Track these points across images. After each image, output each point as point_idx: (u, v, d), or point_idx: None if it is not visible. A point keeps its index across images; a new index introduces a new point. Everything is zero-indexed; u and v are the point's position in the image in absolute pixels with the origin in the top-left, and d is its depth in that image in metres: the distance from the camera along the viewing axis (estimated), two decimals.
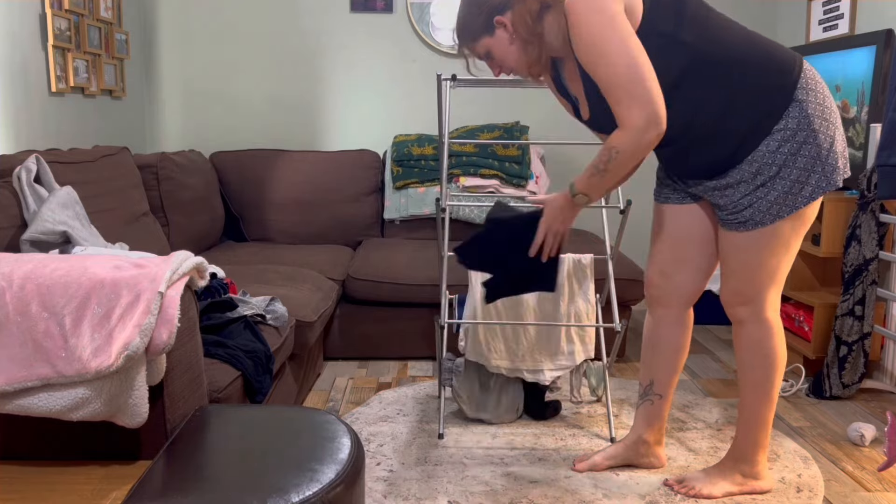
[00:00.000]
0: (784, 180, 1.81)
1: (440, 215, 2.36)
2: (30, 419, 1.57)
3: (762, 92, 1.78)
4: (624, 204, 2.12)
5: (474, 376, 2.54)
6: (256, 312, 2.26)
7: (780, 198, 1.82)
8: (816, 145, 1.79)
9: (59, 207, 2.20)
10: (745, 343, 1.99)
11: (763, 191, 1.83)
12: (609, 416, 2.42)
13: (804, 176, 1.81)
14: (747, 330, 1.98)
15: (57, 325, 1.47)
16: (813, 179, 1.81)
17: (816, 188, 1.82)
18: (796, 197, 1.82)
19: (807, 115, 1.78)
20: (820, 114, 1.80)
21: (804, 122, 1.78)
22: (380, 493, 2.10)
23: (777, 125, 1.79)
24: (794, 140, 1.79)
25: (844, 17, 3.33)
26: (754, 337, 1.97)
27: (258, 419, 1.53)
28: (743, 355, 2.01)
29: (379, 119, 4.06)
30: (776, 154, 1.80)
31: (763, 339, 1.97)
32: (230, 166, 3.76)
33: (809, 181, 1.81)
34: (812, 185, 1.82)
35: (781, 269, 1.92)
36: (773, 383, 1.99)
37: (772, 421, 2.03)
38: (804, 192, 1.82)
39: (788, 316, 3.27)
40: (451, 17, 3.94)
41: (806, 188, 1.82)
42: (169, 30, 3.95)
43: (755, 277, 1.92)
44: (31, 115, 2.81)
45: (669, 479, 2.14)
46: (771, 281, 1.92)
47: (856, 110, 2.95)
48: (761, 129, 1.79)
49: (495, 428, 2.54)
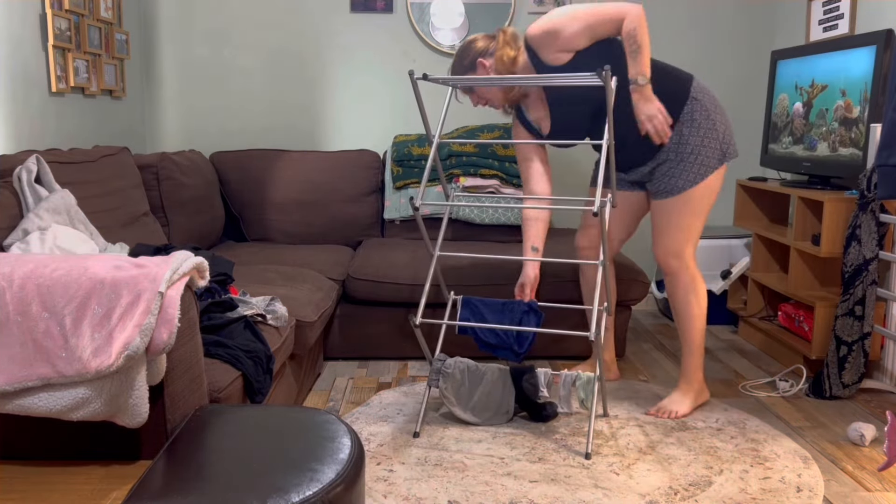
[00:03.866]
0: (694, 156, 2.51)
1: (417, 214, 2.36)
2: (30, 419, 1.57)
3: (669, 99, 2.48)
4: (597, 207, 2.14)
5: (463, 378, 2.53)
6: (256, 312, 2.26)
7: (693, 169, 2.51)
8: (714, 130, 2.51)
9: (48, 213, 2.20)
10: (679, 287, 2.62)
11: (681, 166, 2.52)
12: (590, 431, 2.36)
13: (708, 152, 2.51)
14: (680, 277, 2.61)
15: (57, 325, 1.47)
16: (715, 155, 2.52)
17: (717, 161, 2.53)
18: (705, 168, 2.51)
19: (705, 108, 2.50)
20: (714, 108, 2.52)
21: (703, 113, 2.50)
22: (380, 493, 2.10)
23: (681, 117, 2.49)
24: (699, 127, 2.49)
25: (844, 17, 3.33)
26: (684, 281, 2.61)
27: (258, 419, 1.53)
28: (679, 296, 2.63)
29: (379, 119, 4.07)
30: (688, 137, 2.51)
31: (690, 281, 2.61)
32: (230, 166, 3.76)
33: (712, 156, 2.51)
34: (715, 158, 2.52)
35: (696, 228, 2.58)
36: (703, 314, 2.63)
37: (703, 345, 2.67)
38: (709, 163, 2.52)
39: (788, 316, 3.27)
40: (450, 18, 3.94)
41: (711, 161, 2.52)
42: (169, 30, 3.95)
43: (679, 235, 2.57)
44: (31, 115, 2.81)
45: (650, 410, 2.66)
46: (690, 237, 2.58)
47: (859, 110, 2.95)
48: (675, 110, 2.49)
49: (495, 428, 2.54)
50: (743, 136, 4.11)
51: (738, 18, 4.03)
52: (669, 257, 2.60)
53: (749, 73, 4.07)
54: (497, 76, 2.54)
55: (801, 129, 3.35)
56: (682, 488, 2.15)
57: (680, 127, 2.51)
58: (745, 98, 4.08)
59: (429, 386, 2.54)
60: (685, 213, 2.56)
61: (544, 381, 2.50)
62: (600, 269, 2.32)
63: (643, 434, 2.51)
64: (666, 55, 4.01)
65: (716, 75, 4.05)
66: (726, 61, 4.06)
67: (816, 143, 3.23)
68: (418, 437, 2.46)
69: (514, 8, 3.94)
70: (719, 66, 4.06)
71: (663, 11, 4.01)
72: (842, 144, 3.05)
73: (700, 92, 2.53)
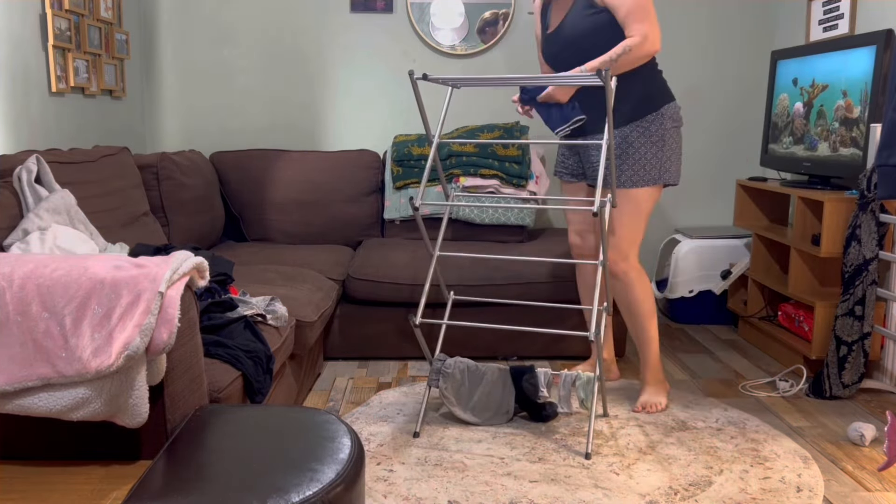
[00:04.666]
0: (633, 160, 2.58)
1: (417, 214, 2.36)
2: (30, 419, 1.57)
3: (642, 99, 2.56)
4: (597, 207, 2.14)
5: (463, 378, 2.53)
6: (256, 312, 2.26)
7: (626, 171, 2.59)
8: (661, 151, 2.59)
9: (48, 213, 2.20)
10: (629, 287, 2.70)
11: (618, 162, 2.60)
12: (590, 431, 2.36)
13: (646, 164, 2.59)
14: (629, 277, 2.69)
15: (57, 325, 1.47)
16: (651, 172, 2.59)
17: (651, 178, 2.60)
18: (637, 177, 2.59)
19: (663, 128, 2.58)
20: (672, 135, 2.61)
21: (659, 132, 2.58)
22: (380, 493, 2.10)
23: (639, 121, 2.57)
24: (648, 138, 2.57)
25: (844, 17, 3.33)
26: (632, 279, 2.69)
27: (258, 419, 1.53)
28: (629, 296, 2.71)
29: (379, 119, 4.07)
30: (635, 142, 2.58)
31: (637, 279, 2.69)
32: (230, 166, 3.76)
33: (649, 171, 2.59)
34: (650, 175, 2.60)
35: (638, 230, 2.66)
36: (652, 310, 2.73)
37: (657, 337, 2.76)
38: (644, 175, 2.59)
39: (788, 316, 3.27)
40: (450, 17, 3.94)
41: (646, 174, 2.59)
42: (169, 30, 3.95)
43: (624, 235, 2.65)
44: (31, 115, 2.81)
45: (636, 408, 2.72)
46: (634, 238, 2.66)
47: (860, 110, 2.96)
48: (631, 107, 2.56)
49: (495, 428, 2.54)
50: (743, 136, 4.11)
51: (738, 18, 4.03)
52: (618, 260, 2.67)
53: (749, 73, 4.07)
54: (496, 76, 2.54)
55: (802, 129, 3.35)
56: (682, 488, 2.15)
57: (633, 128, 2.59)
58: (745, 98, 4.08)
59: (429, 386, 2.54)
60: (625, 210, 2.63)
61: (544, 381, 2.50)
62: (600, 268, 2.32)
63: (643, 434, 2.51)
64: (666, 55, 4.01)
65: (716, 75, 4.05)
66: (726, 61, 4.06)
67: (817, 143, 3.23)
68: (418, 437, 2.46)
69: (513, 8, 3.94)
70: (719, 66, 4.06)
71: (664, 11, 4.01)
72: (843, 144, 3.05)
73: (670, 114, 2.61)
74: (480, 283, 3.14)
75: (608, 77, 2.10)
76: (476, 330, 3.20)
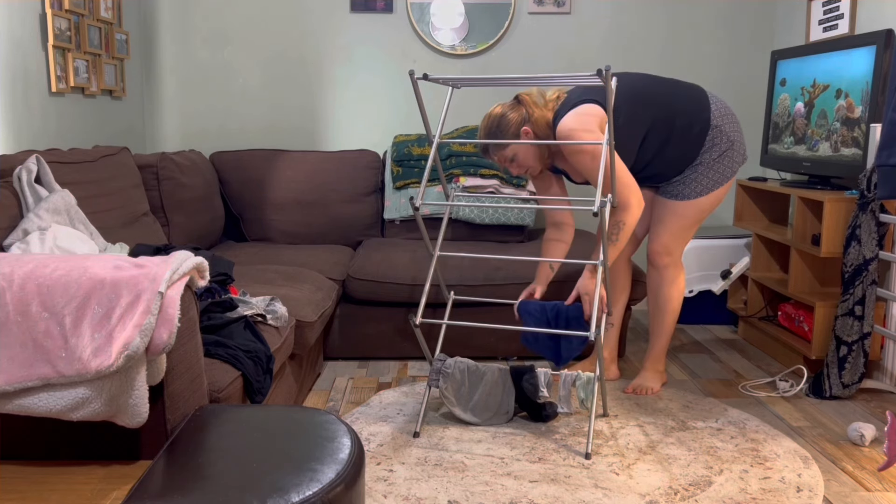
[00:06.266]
0: (710, 171, 2.68)
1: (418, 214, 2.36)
2: (30, 419, 1.57)
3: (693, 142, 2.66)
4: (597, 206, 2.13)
5: (463, 378, 2.53)
6: (256, 312, 2.26)
7: (704, 182, 2.69)
8: (732, 149, 2.69)
9: (48, 213, 2.20)
10: (665, 281, 2.81)
11: (694, 176, 2.70)
12: (590, 431, 2.36)
13: (723, 168, 2.69)
14: (669, 271, 2.80)
15: (57, 325, 1.47)
16: (729, 170, 2.70)
17: (731, 173, 2.72)
18: (715, 182, 2.69)
19: (724, 133, 2.67)
20: (732, 128, 2.69)
21: (722, 137, 2.66)
22: (380, 493, 2.10)
23: (705, 144, 2.67)
24: (718, 149, 2.67)
25: (844, 17, 3.33)
26: (671, 276, 2.80)
27: (258, 419, 1.53)
28: (662, 290, 2.82)
29: (379, 119, 4.07)
30: (706, 156, 2.68)
31: (676, 276, 2.81)
32: (230, 166, 3.76)
33: (726, 170, 2.70)
34: (729, 171, 2.70)
35: (693, 231, 2.79)
36: (678, 308, 2.86)
37: (672, 333, 2.90)
38: (722, 177, 2.69)
39: (788, 316, 3.27)
40: (450, 17, 3.94)
41: (725, 174, 2.70)
42: (169, 30, 3.95)
43: (678, 235, 2.76)
44: (31, 115, 2.81)
45: (627, 389, 2.86)
46: (686, 238, 2.79)
47: (860, 110, 2.96)
48: (696, 147, 2.67)
49: (495, 428, 2.54)
50: None
51: (738, 18, 4.03)
52: (663, 254, 2.78)
53: (749, 73, 4.07)
54: (496, 76, 2.54)
55: (803, 129, 3.35)
56: (682, 488, 2.15)
57: (702, 150, 2.68)
58: (745, 98, 4.08)
59: (429, 386, 2.54)
60: (688, 216, 2.73)
61: (544, 381, 2.50)
62: (600, 269, 2.32)
63: (643, 434, 2.51)
64: (666, 55, 4.01)
65: (716, 75, 4.05)
66: (726, 61, 4.06)
67: (818, 143, 3.23)
68: (418, 437, 2.46)
69: (513, 8, 3.94)
70: (719, 66, 4.06)
71: (664, 12, 4.01)
72: (844, 144, 3.05)
73: (719, 116, 2.67)
74: (480, 283, 3.14)
75: (608, 77, 2.10)
76: (476, 330, 3.20)
